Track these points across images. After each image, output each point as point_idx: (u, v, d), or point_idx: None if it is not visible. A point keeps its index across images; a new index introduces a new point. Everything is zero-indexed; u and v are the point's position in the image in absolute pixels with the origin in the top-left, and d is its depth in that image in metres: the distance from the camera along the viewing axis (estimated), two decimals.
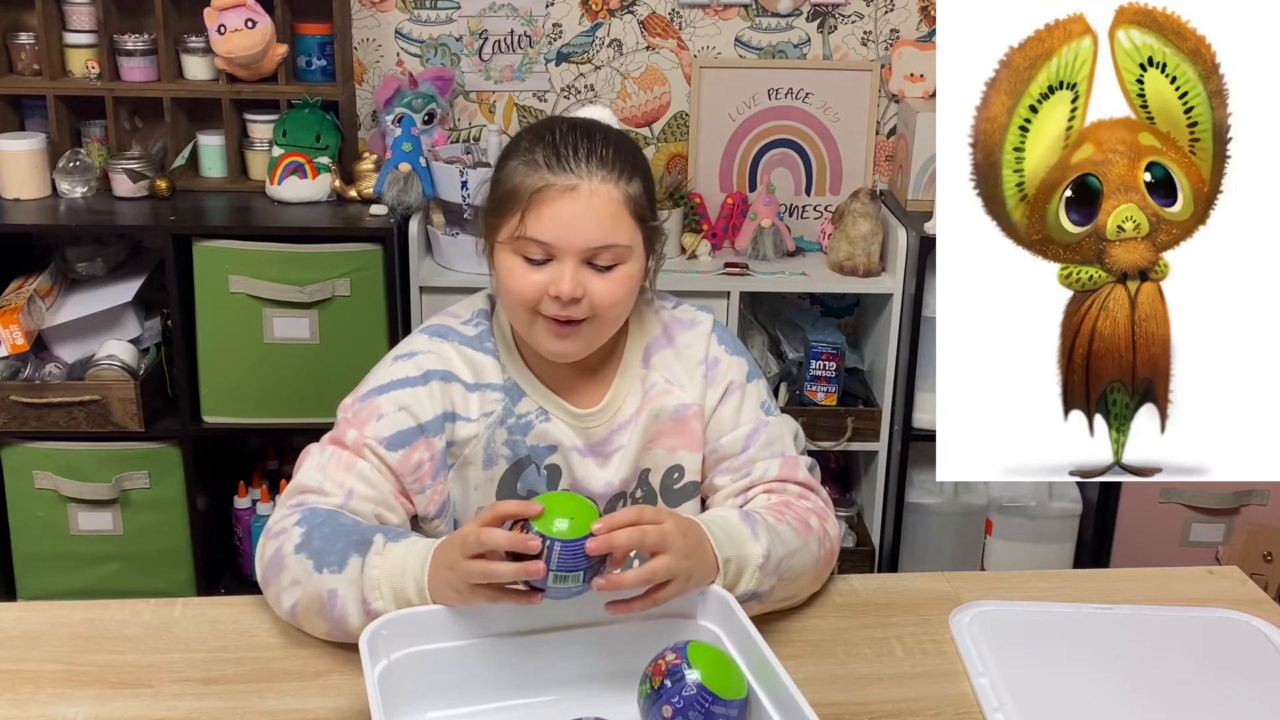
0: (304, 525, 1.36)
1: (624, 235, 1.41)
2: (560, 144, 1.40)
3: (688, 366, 1.54)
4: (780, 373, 2.73)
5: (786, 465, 1.52)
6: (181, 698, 1.26)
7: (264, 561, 1.39)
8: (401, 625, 1.24)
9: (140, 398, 2.48)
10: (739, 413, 1.53)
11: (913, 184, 2.70)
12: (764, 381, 1.58)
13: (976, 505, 2.78)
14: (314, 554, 1.33)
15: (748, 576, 1.35)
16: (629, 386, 1.52)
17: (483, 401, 1.48)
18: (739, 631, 1.24)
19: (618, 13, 2.78)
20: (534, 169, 1.40)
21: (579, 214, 1.39)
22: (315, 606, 1.32)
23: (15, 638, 1.36)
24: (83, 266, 2.63)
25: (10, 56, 2.64)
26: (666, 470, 1.54)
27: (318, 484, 1.41)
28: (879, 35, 2.82)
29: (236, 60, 2.55)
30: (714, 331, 1.57)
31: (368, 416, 1.44)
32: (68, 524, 2.59)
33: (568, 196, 1.38)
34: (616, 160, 1.41)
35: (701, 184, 2.84)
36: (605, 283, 1.41)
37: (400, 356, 1.49)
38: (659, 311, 1.57)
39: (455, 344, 1.49)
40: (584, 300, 1.40)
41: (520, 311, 1.44)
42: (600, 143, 1.42)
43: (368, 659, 1.17)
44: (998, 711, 1.26)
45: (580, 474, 1.50)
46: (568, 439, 1.49)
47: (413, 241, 2.53)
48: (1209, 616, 1.46)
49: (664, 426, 1.52)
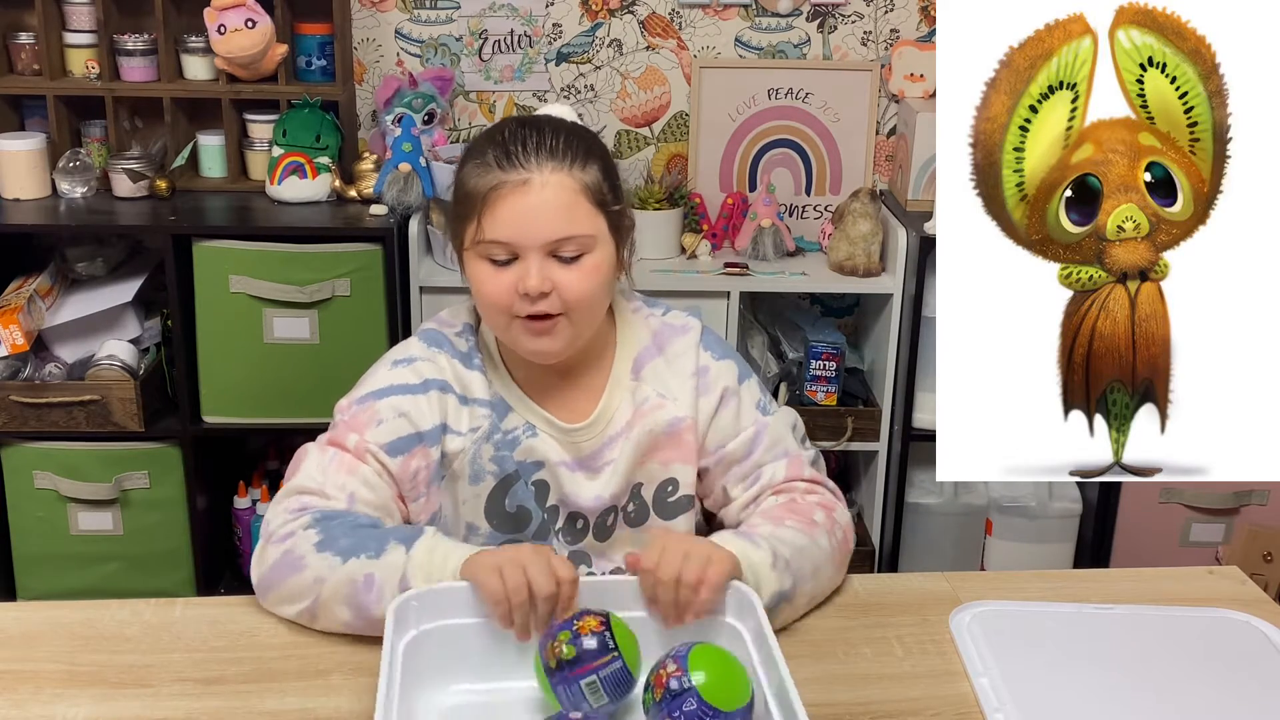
0: (319, 527, 1.35)
1: (584, 224, 1.40)
2: (509, 141, 1.40)
3: (679, 378, 1.52)
4: (780, 373, 2.73)
5: (792, 465, 1.53)
6: (181, 698, 1.26)
7: (268, 565, 1.37)
8: (431, 599, 1.25)
9: (140, 398, 2.48)
10: (738, 418, 1.53)
11: (913, 184, 2.70)
12: (756, 380, 1.57)
13: (976, 505, 2.78)
14: (341, 550, 1.33)
15: (766, 578, 1.35)
16: (619, 399, 1.51)
17: (471, 416, 1.47)
18: (755, 629, 1.25)
19: (618, 13, 2.78)
20: (486, 170, 1.39)
21: (533, 207, 1.37)
22: (343, 594, 1.31)
23: (15, 638, 1.36)
24: (83, 266, 2.63)
25: (10, 56, 2.64)
26: (660, 484, 1.53)
27: (319, 486, 1.41)
28: (879, 35, 2.82)
29: (236, 60, 2.55)
30: (701, 339, 1.55)
31: (367, 421, 1.43)
32: (68, 524, 2.59)
33: (520, 191, 1.37)
34: (567, 149, 1.40)
35: (701, 184, 2.84)
36: (573, 274, 1.39)
37: (399, 362, 1.48)
38: (648, 319, 1.56)
39: (449, 356, 1.49)
40: (553, 294, 1.39)
41: (496, 316, 1.43)
42: (550, 134, 1.41)
43: (392, 629, 1.19)
44: (998, 711, 1.26)
45: (569, 489, 1.50)
46: (555, 454, 1.49)
47: (413, 241, 2.53)
48: (1209, 616, 1.46)
49: (657, 441, 1.51)
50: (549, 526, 1.51)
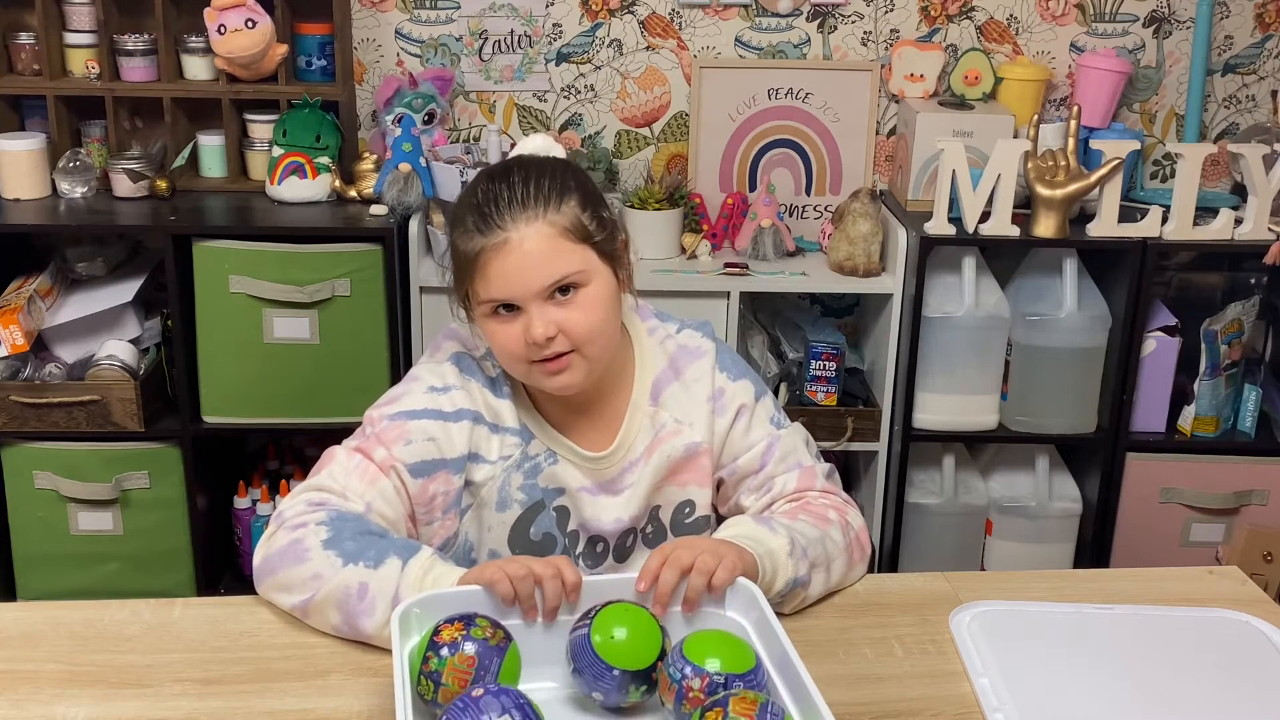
0: (330, 525, 1.37)
1: (570, 263, 1.41)
2: (484, 204, 1.42)
3: (696, 404, 1.55)
4: (780, 373, 2.73)
5: (804, 475, 1.55)
6: (181, 698, 1.26)
7: (273, 548, 1.39)
8: (434, 605, 1.25)
9: (140, 398, 2.48)
10: (749, 432, 1.56)
11: (913, 184, 2.70)
12: (771, 397, 1.60)
13: (976, 505, 2.78)
14: (345, 552, 1.34)
15: (784, 565, 1.38)
16: (639, 425, 1.54)
17: (502, 444, 1.50)
18: (762, 625, 1.26)
19: (618, 13, 2.78)
20: (469, 235, 1.42)
21: (518, 265, 1.40)
22: (336, 598, 1.33)
23: (15, 638, 1.36)
24: (83, 266, 2.63)
25: (10, 56, 2.64)
26: (677, 506, 1.56)
27: (340, 488, 1.42)
28: (879, 35, 2.82)
29: (236, 60, 2.55)
30: (717, 360, 1.57)
31: (395, 438, 1.45)
32: (68, 524, 2.59)
33: (502, 252, 1.40)
34: (537, 195, 1.41)
35: (701, 184, 2.84)
36: (574, 312, 1.42)
37: (434, 389, 1.49)
38: (664, 341, 1.58)
39: (480, 385, 1.51)
40: (559, 335, 1.41)
41: (515, 365, 1.46)
42: (520, 185, 1.42)
43: (398, 637, 1.19)
44: (998, 711, 1.26)
45: (589, 513, 1.52)
46: (575, 480, 1.51)
47: (413, 241, 2.53)
48: (1209, 616, 1.46)
49: (675, 466, 1.54)
50: (570, 552, 1.54)
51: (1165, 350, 2.66)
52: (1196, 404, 2.67)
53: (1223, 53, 2.87)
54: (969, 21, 2.82)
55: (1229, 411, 2.72)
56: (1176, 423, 2.72)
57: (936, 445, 2.76)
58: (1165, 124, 2.91)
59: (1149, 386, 2.67)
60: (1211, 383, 2.66)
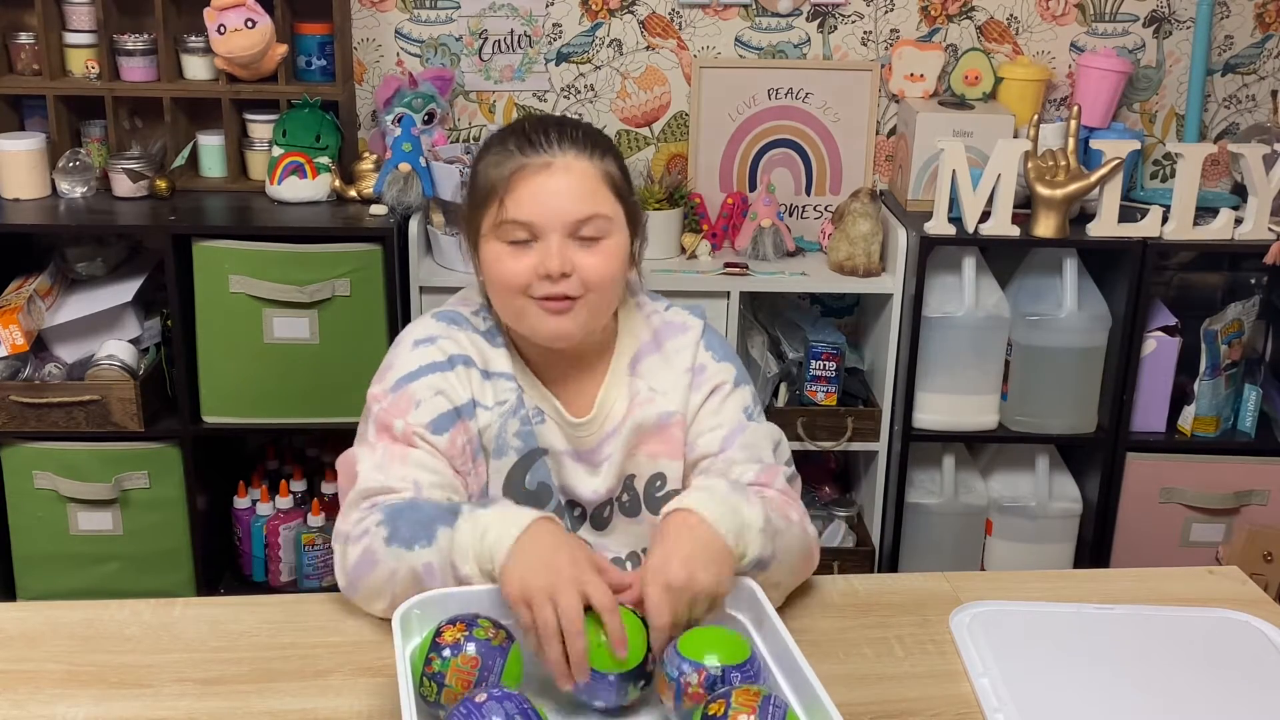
0: (387, 522, 1.35)
1: (605, 206, 1.43)
2: (531, 131, 1.44)
3: (674, 374, 1.53)
4: (780, 373, 2.73)
5: (765, 472, 1.49)
6: (181, 698, 1.26)
7: (349, 565, 1.37)
8: (434, 606, 1.25)
9: (140, 398, 2.48)
10: (718, 412, 1.53)
11: (913, 184, 2.70)
12: (751, 389, 1.57)
13: (976, 505, 2.78)
14: (404, 540, 1.33)
15: (753, 541, 1.33)
16: (616, 393, 1.53)
17: (496, 390, 1.48)
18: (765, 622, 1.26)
19: (618, 13, 2.78)
20: (508, 156, 1.43)
21: (557, 189, 1.40)
22: (414, 586, 1.31)
23: (15, 638, 1.36)
24: (83, 266, 2.63)
25: (10, 56, 2.64)
26: (649, 479, 1.55)
27: (381, 484, 1.40)
28: (879, 35, 2.82)
29: (236, 60, 2.55)
30: (703, 338, 1.56)
31: (406, 405, 1.44)
32: (67, 524, 2.59)
33: (544, 173, 1.40)
34: (588, 140, 1.45)
35: (701, 184, 2.84)
36: (593, 257, 1.42)
37: (420, 342, 1.48)
38: (650, 316, 1.57)
39: (468, 332, 1.50)
40: (574, 276, 1.41)
41: (511, 299, 1.44)
42: (570, 127, 1.46)
43: (399, 638, 1.19)
44: (998, 711, 1.26)
45: (570, 480, 1.52)
46: (560, 443, 1.51)
47: (413, 241, 2.53)
48: (1209, 616, 1.46)
49: (647, 434, 1.52)
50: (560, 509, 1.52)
51: (1165, 350, 2.66)
52: (1196, 404, 2.67)
53: (1223, 53, 2.87)
54: (969, 21, 2.82)
55: (1229, 411, 2.72)
56: (1176, 423, 2.72)
57: (936, 445, 2.76)
58: (1165, 124, 2.92)
59: (1149, 386, 2.67)
60: (1211, 383, 2.66)
